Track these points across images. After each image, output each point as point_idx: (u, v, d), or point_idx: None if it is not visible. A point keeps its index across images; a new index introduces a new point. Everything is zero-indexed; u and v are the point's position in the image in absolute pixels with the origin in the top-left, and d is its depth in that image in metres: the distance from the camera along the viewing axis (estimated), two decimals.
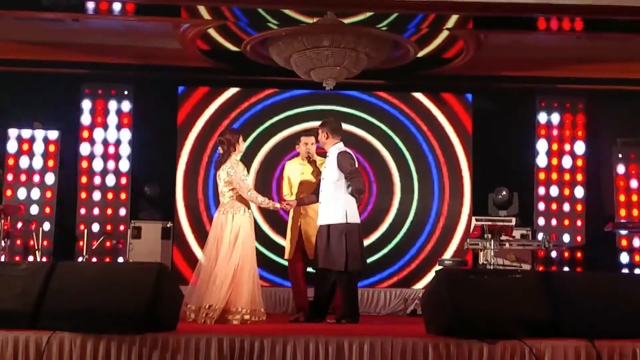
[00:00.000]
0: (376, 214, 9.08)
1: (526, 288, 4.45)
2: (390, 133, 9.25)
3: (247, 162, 6.57)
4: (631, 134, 9.06)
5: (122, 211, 8.95)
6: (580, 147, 9.18)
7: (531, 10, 7.06)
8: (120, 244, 8.72)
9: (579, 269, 8.81)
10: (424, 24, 8.21)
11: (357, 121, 9.17)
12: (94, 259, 8.60)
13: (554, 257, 8.87)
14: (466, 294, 4.32)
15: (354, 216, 6.05)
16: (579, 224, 9.04)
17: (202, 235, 8.31)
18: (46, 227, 8.61)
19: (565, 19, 7.68)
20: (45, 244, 8.55)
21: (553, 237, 8.73)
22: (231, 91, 9.27)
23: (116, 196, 8.98)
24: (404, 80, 9.23)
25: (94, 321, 4.15)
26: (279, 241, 8.31)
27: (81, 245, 8.63)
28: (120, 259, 8.67)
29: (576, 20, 7.71)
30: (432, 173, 9.22)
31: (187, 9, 7.85)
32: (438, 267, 7.76)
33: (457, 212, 9.13)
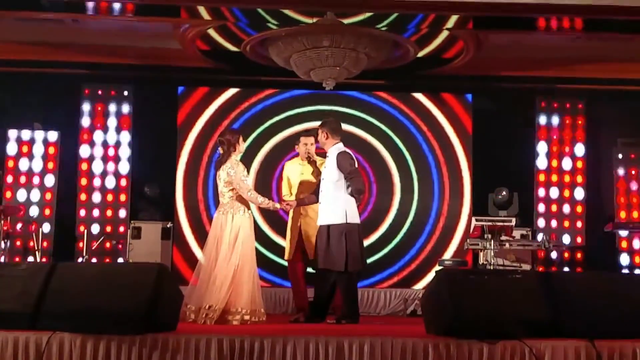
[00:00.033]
0: (376, 214, 9.08)
1: (526, 288, 4.45)
2: (390, 133, 9.25)
3: (247, 163, 6.57)
4: (631, 135, 9.06)
5: (122, 213, 8.95)
6: (580, 149, 9.17)
7: (531, 10, 7.04)
8: (120, 245, 8.71)
9: (578, 269, 8.80)
10: (424, 24, 8.20)
11: (357, 121, 9.17)
12: (94, 259, 8.60)
13: (554, 258, 8.87)
14: (466, 294, 4.32)
15: (353, 216, 6.05)
16: (579, 225, 9.04)
17: (202, 236, 8.30)
18: (46, 229, 8.60)
19: (565, 19, 7.67)
20: (45, 245, 8.55)
21: (553, 237, 8.73)
22: (231, 91, 9.27)
23: (116, 198, 8.98)
24: (403, 80, 9.23)
25: (94, 321, 4.15)
26: (279, 241, 8.31)
27: (81, 246, 8.63)
28: (120, 259, 8.66)
29: (576, 20, 7.71)
30: (432, 173, 9.22)
31: (187, 9, 7.83)
32: (438, 267, 7.76)
33: (457, 212, 9.13)
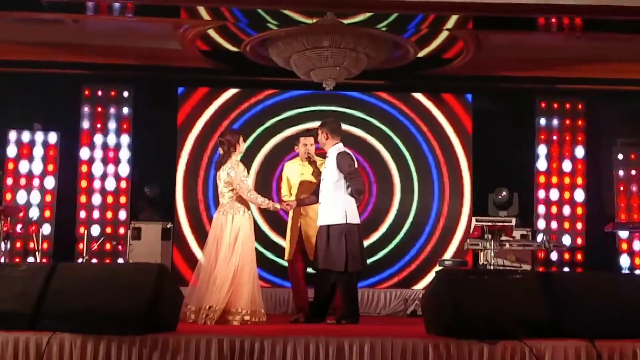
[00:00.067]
0: (376, 214, 9.08)
1: (526, 288, 4.45)
2: (390, 133, 9.25)
3: (247, 163, 6.57)
4: (631, 135, 9.05)
5: (122, 214, 8.94)
6: (580, 151, 9.16)
7: (531, 10, 7.04)
8: (120, 246, 8.71)
9: (578, 270, 8.79)
10: (423, 24, 8.20)
11: (357, 121, 9.16)
12: (94, 260, 8.59)
13: (554, 259, 8.87)
14: (466, 295, 4.32)
15: (353, 217, 6.05)
16: (579, 226, 9.03)
17: (202, 236, 8.30)
18: (46, 231, 8.59)
19: (565, 19, 7.68)
20: (45, 246, 8.54)
21: (553, 237, 8.73)
22: (231, 92, 9.27)
23: (116, 200, 8.97)
24: (403, 80, 9.22)
25: (94, 322, 4.15)
26: (279, 242, 8.31)
27: (81, 247, 8.62)
28: (120, 260, 8.65)
29: (576, 21, 7.71)
30: (432, 173, 9.22)
31: (187, 10, 7.83)
32: (438, 267, 7.77)
33: (457, 213, 9.13)
